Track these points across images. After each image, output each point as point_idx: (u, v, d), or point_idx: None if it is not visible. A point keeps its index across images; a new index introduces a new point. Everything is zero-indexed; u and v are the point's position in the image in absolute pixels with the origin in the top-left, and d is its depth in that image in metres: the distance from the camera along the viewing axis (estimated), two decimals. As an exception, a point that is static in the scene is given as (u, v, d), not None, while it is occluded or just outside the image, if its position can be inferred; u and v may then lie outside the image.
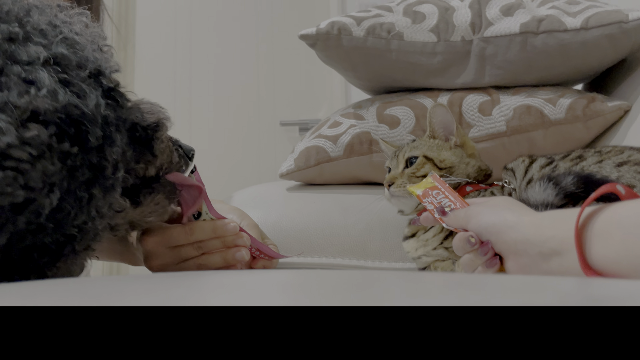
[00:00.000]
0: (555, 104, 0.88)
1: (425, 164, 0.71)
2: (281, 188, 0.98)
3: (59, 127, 0.41)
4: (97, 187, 0.45)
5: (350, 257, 0.83)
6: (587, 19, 0.84)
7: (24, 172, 0.39)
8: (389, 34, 0.93)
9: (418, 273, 0.68)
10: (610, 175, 0.58)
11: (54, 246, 0.44)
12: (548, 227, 0.49)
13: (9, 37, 0.42)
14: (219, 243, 0.65)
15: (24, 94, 0.40)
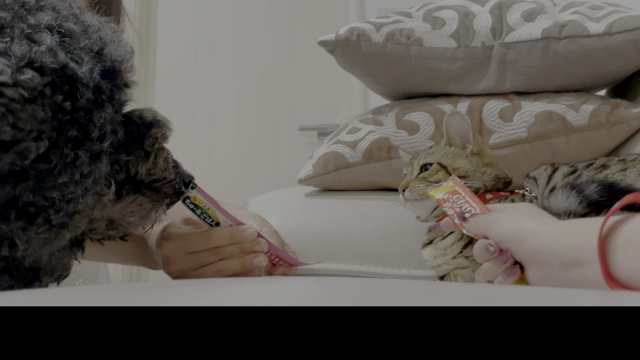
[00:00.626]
0: (578, 110, 0.86)
1: (439, 171, 0.71)
2: (299, 194, 0.98)
3: (54, 80, 0.43)
4: (83, 149, 0.46)
5: (369, 264, 0.82)
6: (611, 24, 0.82)
7: (14, 111, 0.40)
8: (408, 40, 0.92)
9: (437, 284, 0.68)
10: (635, 184, 0.57)
11: (33, 208, 0.44)
12: (570, 237, 0.48)
13: (23, 4, 0.45)
14: (237, 249, 0.65)
15: (24, 45, 0.42)
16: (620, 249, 0.42)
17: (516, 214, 0.55)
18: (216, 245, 0.65)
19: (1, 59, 0.40)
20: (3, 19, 0.42)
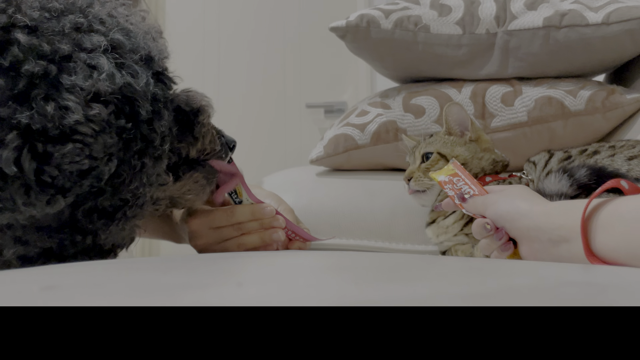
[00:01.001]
0: (576, 96, 0.91)
1: (440, 160, 0.76)
2: (310, 173, 1.04)
3: (116, 105, 0.48)
4: (148, 156, 0.52)
5: (376, 240, 0.89)
6: (609, 14, 0.87)
7: (89, 144, 0.46)
8: (416, 27, 0.97)
9: (439, 258, 0.74)
10: (621, 168, 0.62)
11: (111, 209, 0.51)
12: (557, 217, 0.54)
13: (75, 26, 0.49)
14: (257, 225, 0.71)
15: (88, 77, 0.47)
16: (599, 229, 0.47)
17: (511, 195, 0.61)
18: (238, 221, 0.71)
19: (72, 97, 0.45)
20: (64, 51, 0.46)
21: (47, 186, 0.44)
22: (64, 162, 0.44)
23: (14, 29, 0.46)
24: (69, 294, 0.30)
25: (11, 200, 0.44)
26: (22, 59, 0.45)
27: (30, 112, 0.44)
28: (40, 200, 0.44)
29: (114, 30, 0.50)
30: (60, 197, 0.45)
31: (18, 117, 0.43)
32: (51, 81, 0.45)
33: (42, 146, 0.44)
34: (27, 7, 0.47)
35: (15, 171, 0.43)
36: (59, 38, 0.47)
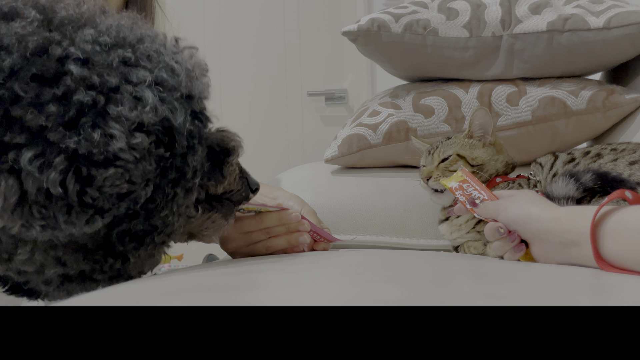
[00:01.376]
0: (578, 96, 0.96)
1: (458, 161, 0.81)
2: (325, 171, 1.09)
3: (157, 136, 0.52)
4: (180, 187, 0.55)
5: (391, 235, 0.94)
6: (609, 19, 0.91)
7: (129, 170, 0.49)
8: (425, 30, 1.01)
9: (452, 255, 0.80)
10: (623, 173, 0.68)
11: (141, 233, 0.55)
12: (567, 221, 0.60)
13: (124, 60, 0.52)
14: (283, 229, 0.76)
15: (133, 109, 0.50)
16: (607, 236, 0.53)
17: (521, 200, 0.66)
18: (266, 226, 0.76)
19: (117, 126, 0.48)
20: (112, 83, 0.50)
21: (87, 207, 0.48)
22: (105, 185, 0.47)
23: (68, 61, 0.49)
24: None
25: (54, 219, 0.47)
26: (74, 88, 0.48)
27: (78, 138, 0.47)
28: (80, 220, 0.48)
29: (159, 68, 0.53)
30: (98, 217, 0.49)
31: (67, 142, 0.46)
32: (99, 110, 0.49)
33: (86, 169, 0.47)
34: (80, 41, 0.51)
35: (60, 192, 0.46)
36: (108, 71, 0.51)
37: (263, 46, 2.58)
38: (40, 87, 0.46)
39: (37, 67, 0.47)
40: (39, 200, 0.45)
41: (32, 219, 0.46)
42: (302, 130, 2.59)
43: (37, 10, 0.50)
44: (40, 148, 0.45)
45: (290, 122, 2.59)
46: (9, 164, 0.44)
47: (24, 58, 0.46)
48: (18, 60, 0.46)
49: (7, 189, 0.44)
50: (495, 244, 0.67)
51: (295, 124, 2.59)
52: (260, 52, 2.57)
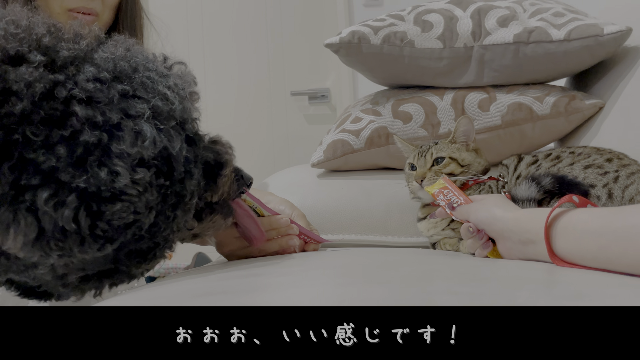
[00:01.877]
0: (542, 102, 1.05)
1: (451, 163, 0.89)
2: (311, 174, 1.16)
3: (157, 167, 0.56)
4: (179, 209, 0.60)
5: (374, 234, 1.02)
6: (570, 31, 1.00)
7: (134, 202, 0.53)
8: (402, 42, 1.08)
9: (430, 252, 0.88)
10: (579, 176, 0.76)
11: (146, 250, 0.60)
12: (526, 222, 0.68)
13: (122, 93, 0.56)
14: (275, 233, 0.83)
15: (134, 144, 0.54)
16: (558, 235, 0.61)
17: (488, 204, 0.74)
18: None
19: (120, 163, 0.52)
20: (114, 120, 0.53)
21: (98, 237, 0.52)
22: (113, 218, 0.52)
23: (72, 102, 0.52)
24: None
25: (69, 249, 0.52)
26: (80, 129, 0.51)
27: (87, 177, 0.50)
28: (92, 248, 0.53)
29: (155, 97, 0.57)
30: (108, 244, 0.53)
31: (76, 181, 0.50)
32: (103, 148, 0.52)
33: (95, 205, 0.51)
34: (82, 80, 0.54)
35: (74, 227, 0.50)
36: (110, 107, 0.54)
37: (246, 47, 2.64)
38: (49, 130, 0.50)
39: (45, 111, 0.50)
40: (56, 235, 0.49)
41: (49, 251, 0.50)
42: (287, 129, 2.66)
43: (41, 53, 0.53)
44: (53, 188, 0.49)
45: (275, 122, 2.66)
46: (26, 204, 0.48)
47: (33, 103, 0.50)
48: (28, 105, 0.49)
49: (27, 227, 0.48)
50: (468, 241, 0.76)
51: (279, 123, 2.66)
52: (244, 54, 2.63)
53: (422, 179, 0.88)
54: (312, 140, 2.64)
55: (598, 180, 0.75)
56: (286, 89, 2.64)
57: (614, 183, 0.73)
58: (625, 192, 0.72)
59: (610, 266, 0.55)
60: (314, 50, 2.60)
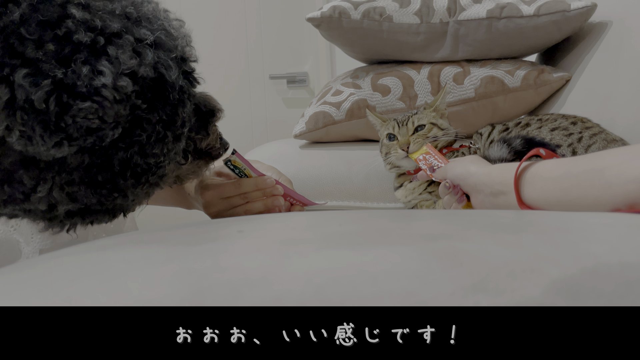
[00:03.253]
0: (513, 75, 1.10)
1: (433, 128, 0.93)
2: (294, 146, 1.20)
3: (142, 88, 0.58)
4: (170, 131, 0.63)
5: (355, 200, 1.07)
6: (539, 7, 1.05)
7: (104, 107, 0.54)
8: (381, 17, 1.13)
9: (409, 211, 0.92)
10: (546, 137, 0.82)
11: (139, 170, 0.62)
12: (497, 175, 0.73)
13: (125, 13, 0.58)
14: (260, 194, 0.86)
15: (132, 58, 0.56)
16: (526, 185, 0.66)
17: (464, 161, 0.80)
18: (244, 192, 0.86)
19: (109, 65, 0.53)
20: (114, 29, 0.55)
21: (60, 130, 0.53)
22: (79, 115, 0.53)
23: (69, 5, 0.53)
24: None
25: (32, 129, 0.52)
26: (74, 30, 0.53)
27: (66, 70, 0.52)
28: (51, 139, 0.53)
29: (159, 30, 0.60)
30: (66, 142, 0.54)
31: (55, 72, 0.51)
32: (95, 49, 0.53)
33: (66, 97, 0.52)
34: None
35: (43, 107, 0.51)
36: (110, 17, 0.56)
37: (224, 31, 2.64)
38: (44, 30, 0.52)
39: (42, 14, 0.52)
40: (25, 107, 0.51)
41: (15, 123, 0.52)
42: (265, 112, 2.69)
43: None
44: (32, 70, 0.51)
45: (254, 105, 2.68)
46: (4, 75, 0.50)
47: (30, 6, 0.52)
48: (26, 9, 0.51)
49: (1, 91, 0.50)
50: (445, 198, 0.81)
51: (258, 106, 2.68)
52: (222, 38, 2.64)
53: (407, 146, 0.91)
54: (290, 123, 2.67)
55: (563, 140, 0.80)
56: (265, 73, 2.66)
57: (578, 143, 0.79)
58: (587, 151, 0.78)
59: (572, 208, 0.60)
60: (292, 34, 2.62)
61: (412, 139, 0.92)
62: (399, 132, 0.94)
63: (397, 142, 0.93)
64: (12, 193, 0.58)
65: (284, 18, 2.63)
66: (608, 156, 0.58)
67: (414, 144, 0.91)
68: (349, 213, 0.59)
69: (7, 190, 0.57)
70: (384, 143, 0.97)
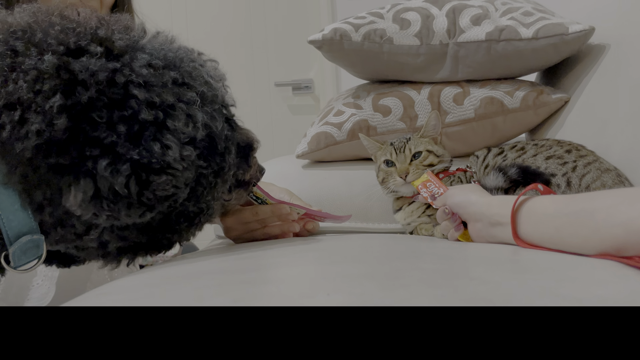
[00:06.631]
0: (513, 96, 1.12)
1: (429, 155, 0.95)
2: (296, 166, 1.22)
3: (201, 148, 0.63)
4: (220, 178, 0.68)
5: (356, 221, 1.09)
6: (537, 30, 1.06)
7: (177, 176, 0.60)
8: (381, 39, 1.14)
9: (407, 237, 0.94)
10: (541, 166, 0.84)
11: (192, 215, 0.68)
12: (496, 207, 0.75)
13: (174, 81, 0.62)
14: (276, 219, 0.91)
15: (187, 124, 0.61)
16: (522, 219, 0.68)
17: (465, 190, 0.82)
18: (262, 218, 0.90)
19: (173, 139, 0.59)
20: (169, 101, 0.60)
21: (142, 205, 0.59)
22: (158, 189, 0.59)
23: (131, 86, 0.59)
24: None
25: (117, 211, 0.58)
26: (138, 109, 0.58)
27: (140, 150, 0.57)
28: (135, 213, 0.60)
29: (201, 84, 0.64)
30: (148, 212, 0.61)
31: (131, 153, 0.57)
32: (159, 125, 0.59)
33: (145, 175, 0.58)
34: (137, 66, 0.60)
35: (125, 192, 0.57)
36: (164, 90, 0.61)
37: (230, 39, 2.67)
38: (111, 112, 0.57)
39: (108, 96, 0.57)
40: (109, 196, 0.57)
41: (101, 210, 0.57)
42: (271, 119, 2.71)
43: (98, 44, 0.59)
44: (111, 158, 0.56)
45: (259, 112, 2.70)
46: (88, 169, 0.56)
47: (98, 90, 0.56)
48: (93, 92, 0.56)
49: (86, 186, 0.56)
50: (442, 224, 0.83)
51: (263, 113, 2.70)
52: (228, 46, 2.66)
53: (406, 174, 0.93)
54: (296, 130, 2.70)
55: (558, 169, 0.82)
56: (270, 80, 2.69)
57: (572, 172, 0.81)
58: (582, 180, 0.79)
59: (563, 246, 0.62)
60: (297, 41, 2.64)
61: (411, 168, 0.93)
62: (397, 159, 0.95)
63: (395, 169, 0.95)
64: (64, 234, 0.62)
65: (289, 24, 2.65)
66: (599, 198, 0.60)
67: (412, 174, 0.93)
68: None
69: (60, 232, 0.61)
70: (381, 168, 0.98)
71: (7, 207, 0.58)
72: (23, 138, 0.55)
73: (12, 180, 0.57)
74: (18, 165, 0.56)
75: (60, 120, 0.55)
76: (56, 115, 0.55)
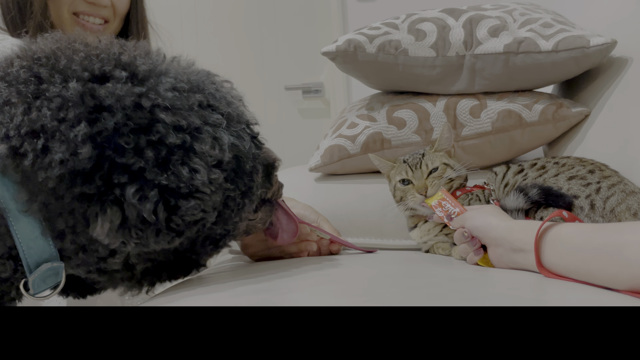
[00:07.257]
0: (531, 109, 1.09)
1: (446, 169, 0.93)
2: (309, 178, 1.20)
3: (228, 170, 0.62)
4: (247, 198, 0.67)
5: (370, 237, 1.07)
6: (557, 43, 1.04)
7: (205, 201, 0.59)
8: (396, 51, 1.12)
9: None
10: (563, 187, 0.81)
11: (218, 237, 0.67)
12: (518, 232, 0.73)
13: (199, 104, 0.62)
14: (296, 238, 0.89)
15: (215, 147, 0.60)
16: (547, 247, 0.66)
17: (485, 212, 0.79)
18: None
19: (201, 162, 0.57)
20: (196, 124, 0.58)
21: (171, 230, 0.58)
22: (186, 214, 0.57)
23: (157, 109, 0.58)
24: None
25: (146, 239, 0.57)
26: (165, 133, 0.57)
27: (168, 175, 0.56)
28: (164, 240, 0.58)
29: (225, 105, 0.63)
30: (177, 238, 0.59)
31: (159, 179, 0.55)
32: (186, 149, 0.58)
33: (174, 201, 0.57)
34: (163, 90, 0.59)
35: (153, 219, 0.56)
36: (190, 113, 0.60)
37: (240, 43, 2.65)
38: (138, 137, 0.55)
39: (135, 121, 0.56)
40: (137, 224, 0.55)
41: (129, 238, 0.56)
42: (281, 123, 2.69)
43: (122, 69, 0.58)
44: (139, 184, 0.55)
45: (269, 116, 2.68)
46: (115, 197, 0.54)
47: (124, 115, 0.55)
48: (120, 118, 0.55)
49: (113, 214, 0.54)
50: (460, 246, 0.81)
51: (273, 117, 2.69)
52: (238, 49, 2.65)
53: (426, 190, 0.90)
54: (306, 134, 2.68)
55: (581, 191, 0.80)
56: (280, 84, 2.67)
57: (596, 194, 0.78)
58: (606, 203, 0.77)
59: (590, 279, 0.60)
60: (307, 45, 2.62)
61: (429, 182, 0.91)
62: (414, 176, 0.93)
63: (412, 187, 0.93)
64: (86, 258, 0.60)
65: (299, 28, 2.63)
66: (628, 231, 0.57)
67: (431, 188, 0.90)
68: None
69: (81, 257, 0.60)
70: (397, 188, 0.96)
71: (27, 235, 0.57)
72: (46, 167, 0.54)
73: (32, 208, 0.56)
74: (39, 194, 0.55)
75: (85, 149, 0.53)
76: (80, 144, 0.53)
